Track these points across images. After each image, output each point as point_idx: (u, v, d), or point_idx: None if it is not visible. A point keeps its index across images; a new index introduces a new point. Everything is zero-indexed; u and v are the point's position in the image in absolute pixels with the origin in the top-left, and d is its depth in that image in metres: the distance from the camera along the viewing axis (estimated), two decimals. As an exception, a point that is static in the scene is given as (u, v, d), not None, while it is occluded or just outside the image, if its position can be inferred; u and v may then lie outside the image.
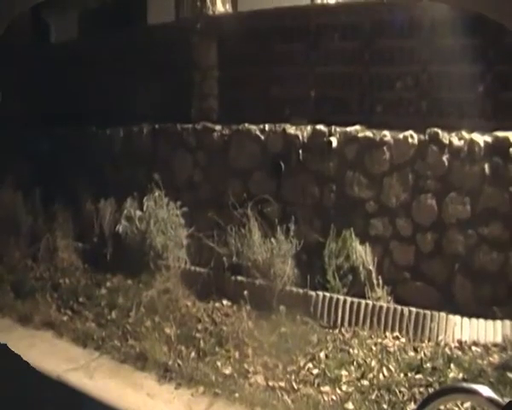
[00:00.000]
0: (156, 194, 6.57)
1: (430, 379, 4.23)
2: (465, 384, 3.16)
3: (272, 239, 5.79)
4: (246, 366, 4.67)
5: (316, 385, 4.36)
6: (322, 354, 4.75)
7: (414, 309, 5.07)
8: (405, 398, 4.07)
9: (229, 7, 7.67)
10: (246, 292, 5.54)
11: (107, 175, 7.69)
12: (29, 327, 5.66)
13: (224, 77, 7.42)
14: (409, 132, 5.65)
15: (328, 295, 5.39)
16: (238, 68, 7.24)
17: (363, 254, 5.54)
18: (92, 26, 10.38)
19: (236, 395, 4.31)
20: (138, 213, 6.60)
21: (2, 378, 2.34)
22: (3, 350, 2.44)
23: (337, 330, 5.18)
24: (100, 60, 8.46)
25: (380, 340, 4.94)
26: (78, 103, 8.44)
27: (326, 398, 4.20)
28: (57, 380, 4.66)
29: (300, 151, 6.24)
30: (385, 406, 4.03)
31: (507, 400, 3.47)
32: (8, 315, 5.91)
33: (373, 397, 4.15)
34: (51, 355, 5.07)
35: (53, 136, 8.52)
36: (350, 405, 4.08)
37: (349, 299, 5.30)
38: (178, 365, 4.73)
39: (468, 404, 3.81)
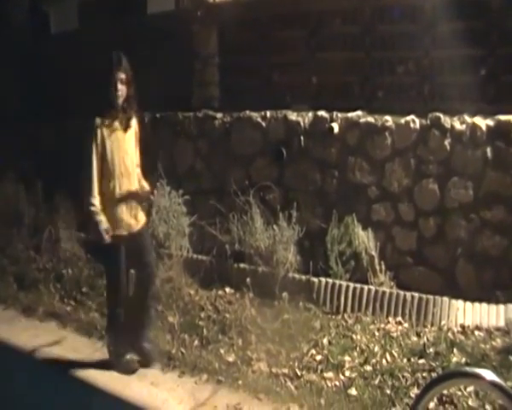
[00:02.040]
0: (158, 183, 6.56)
1: (433, 364, 4.22)
2: (468, 369, 3.20)
3: (274, 226, 5.78)
4: (249, 353, 4.66)
5: (319, 371, 4.35)
6: (325, 341, 4.75)
7: (416, 294, 5.06)
8: (408, 383, 4.06)
9: (228, -6, 7.63)
10: (248, 279, 5.54)
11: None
12: (33, 318, 5.66)
13: (225, 64, 7.40)
14: (410, 117, 5.62)
15: (330, 281, 5.39)
16: (239, 55, 7.21)
17: (365, 239, 5.53)
18: (92, 15, 10.33)
19: (240, 382, 4.30)
20: (140, 202, 6.59)
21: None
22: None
23: (340, 316, 5.18)
24: (100, 49, 8.41)
25: (382, 325, 4.95)
26: (78, 94, 8.40)
27: (329, 384, 4.20)
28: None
29: (302, 137, 6.22)
30: (388, 391, 4.02)
31: (510, 384, 3.49)
32: (12, 306, 5.92)
33: (376, 382, 4.14)
34: (55, 346, 5.08)
35: (54, 127, 8.52)
36: (353, 390, 4.07)
37: (352, 285, 5.30)
38: (182, 353, 4.73)
39: (471, 388, 3.80)
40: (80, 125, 8.20)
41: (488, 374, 2.44)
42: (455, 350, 4.38)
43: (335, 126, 5.96)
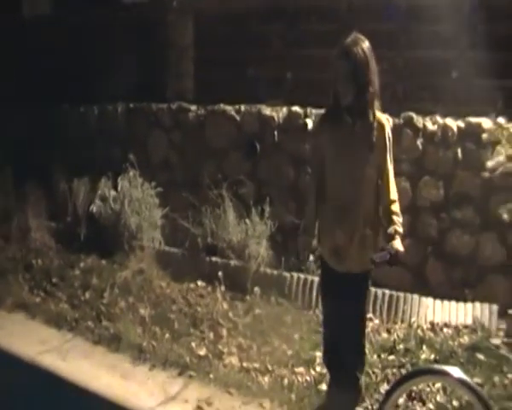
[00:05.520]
0: (131, 174, 6.51)
1: (403, 360, 4.27)
2: (436, 366, 3.26)
3: (247, 220, 5.79)
4: (220, 347, 4.67)
5: (290, 366, 4.37)
6: (296, 336, 4.77)
7: (387, 291, 5.12)
8: (379, 379, 4.09)
9: (205, -15, 7.58)
10: (220, 273, 5.55)
11: (80, 154, 7.60)
12: (0, 309, 5.59)
13: (200, 57, 7.36)
14: (384, 116, 5.65)
15: (302, 276, 5.42)
16: (214, 48, 7.16)
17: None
18: (65, 1, 10.18)
19: (211, 376, 4.31)
20: (113, 193, 6.55)
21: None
22: None
23: (312, 312, 5.20)
24: (73, 37, 8.31)
25: (353, 321, 4.99)
26: (50, 81, 8.28)
27: (300, 379, 4.22)
28: (30, 362, 4.64)
29: (276, 132, 6.24)
30: (358, 387, 4.07)
31: (476, 380, 3.57)
32: (-20, 297, 5.84)
33: (346, 378, 4.19)
34: (24, 337, 5.03)
35: (25, 114, 8.38)
36: (324, 386, 4.09)
37: (324, 281, 5.33)
38: (153, 346, 4.72)
39: (439, 384, 3.87)
40: (51, 112, 8.15)
41: (455, 371, 2.51)
42: (424, 347, 4.43)
43: (309, 122, 5.99)
